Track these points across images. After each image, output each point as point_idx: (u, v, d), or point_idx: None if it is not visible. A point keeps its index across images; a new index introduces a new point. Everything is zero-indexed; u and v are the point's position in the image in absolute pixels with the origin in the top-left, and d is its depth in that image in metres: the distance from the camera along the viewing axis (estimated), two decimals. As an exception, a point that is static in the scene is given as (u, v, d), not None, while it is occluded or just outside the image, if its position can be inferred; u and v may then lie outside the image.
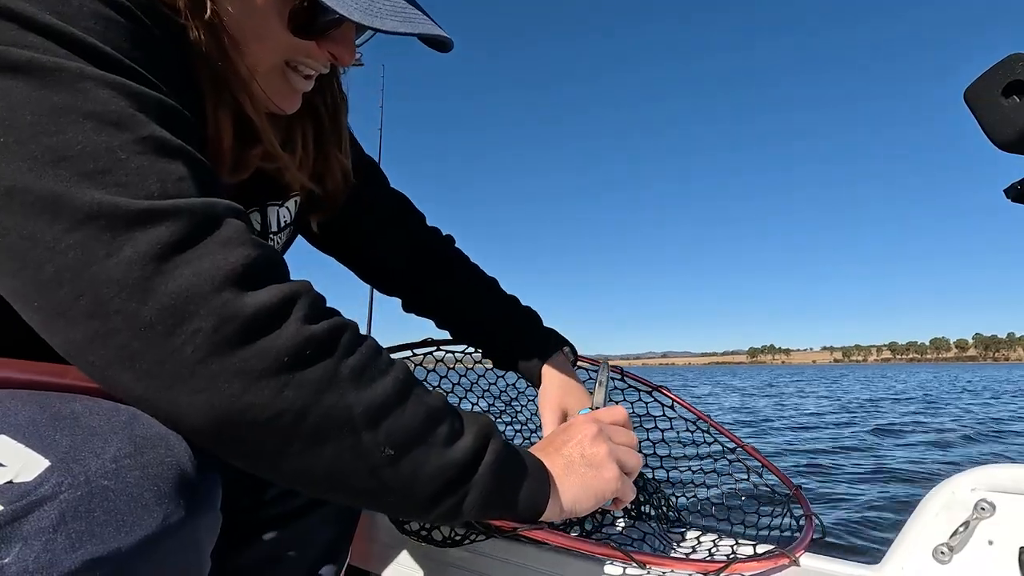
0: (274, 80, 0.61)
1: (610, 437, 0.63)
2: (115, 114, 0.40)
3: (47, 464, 0.37)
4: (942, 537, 0.68)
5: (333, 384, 0.42)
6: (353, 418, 0.43)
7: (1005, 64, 0.50)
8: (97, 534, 0.36)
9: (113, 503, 0.37)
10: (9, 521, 0.34)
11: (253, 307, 0.40)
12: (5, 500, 0.35)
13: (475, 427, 0.51)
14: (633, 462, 0.63)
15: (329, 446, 0.42)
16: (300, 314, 0.42)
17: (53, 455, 0.37)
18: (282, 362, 0.40)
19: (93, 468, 0.37)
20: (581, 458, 0.59)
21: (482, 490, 0.49)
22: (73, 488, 0.36)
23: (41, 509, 0.35)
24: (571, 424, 0.64)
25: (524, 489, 0.53)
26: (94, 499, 0.36)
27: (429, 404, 0.48)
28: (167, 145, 0.42)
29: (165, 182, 0.41)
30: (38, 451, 0.37)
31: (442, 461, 0.47)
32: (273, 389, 0.40)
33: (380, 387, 0.45)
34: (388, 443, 0.44)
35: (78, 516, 0.35)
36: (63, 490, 0.36)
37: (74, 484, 0.36)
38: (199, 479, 0.42)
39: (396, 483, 0.45)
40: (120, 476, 0.38)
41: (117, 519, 0.37)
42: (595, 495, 0.59)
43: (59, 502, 0.35)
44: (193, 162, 0.44)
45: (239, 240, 0.42)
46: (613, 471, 0.60)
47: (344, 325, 0.45)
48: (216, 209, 0.42)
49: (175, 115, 0.45)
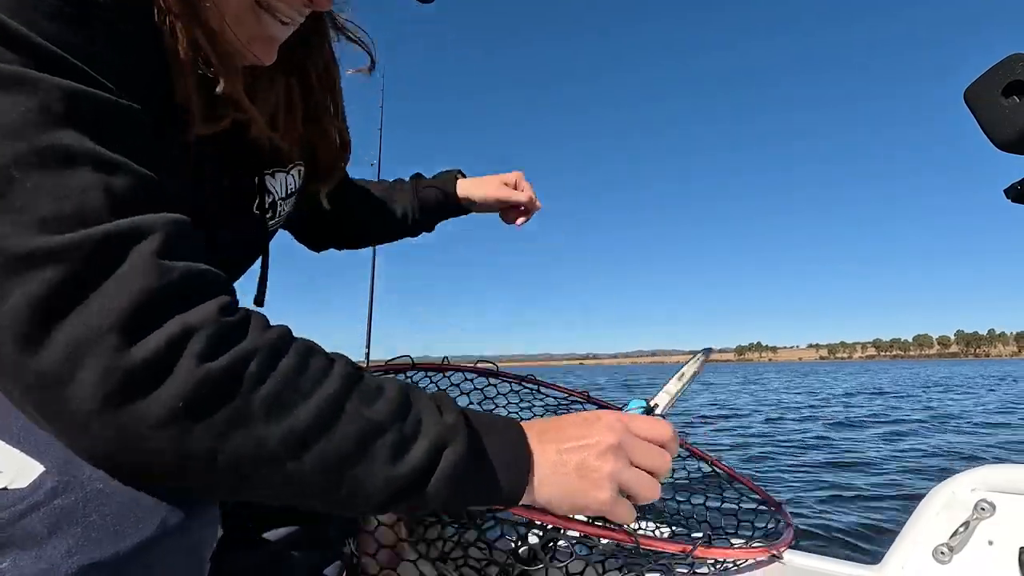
0: (247, 23, 0.57)
1: (630, 455, 0.54)
2: (8, 122, 0.37)
3: (42, 469, 0.36)
4: (942, 537, 0.68)
5: (241, 421, 0.39)
6: (270, 451, 0.40)
7: (1005, 64, 0.50)
8: (93, 539, 0.35)
9: (109, 507, 0.36)
10: (3, 527, 0.34)
11: (140, 356, 0.36)
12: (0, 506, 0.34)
13: (431, 435, 0.47)
14: (644, 492, 0.54)
15: (253, 479, 0.41)
16: (195, 351, 0.38)
17: (48, 460, 0.37)
18: (177, 409, 0.37)
19: (88, 472, 0.37)
20: (577, 465, 0.52)
21: (437, 496, 0.47)
22: (68, 493, 0.36)
23: (36, 514, 0.34)
24: (596, 419, 0.55)
25: (491, 488, 0.50)
26: (89, 503, 0.36)
27: (367, 419, 0.44)
28: (73, 154, 0.38)
29: (63, 202, 0.37)
30: (32, 456, 0.37)
31: (386, 476, 0.44)
32: (172, 438, 0.37)
33: (302, 413, 0.41)
34: (318, 468, 0.42)
35: (74, 521, 0.35)
36: (58, 495, 0.35)
37: (69, 489, 0.36)
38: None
39: (337, 502, 0.44)
40: (115, 479, 0.37)
41: (114, 523, 0.36)
42: (573, 506, 0.53)
43: (54, 507, 0.35)
44: (109, 167, 0.40)
45: (140, 271, 0.38)
46: (605, 494, 0.52)
47: (251, 352, 0.40)
48: (114, 238, 0.38)
49: (106, 107, 0.41)
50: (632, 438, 0.55)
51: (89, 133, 0.40)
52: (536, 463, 0.52)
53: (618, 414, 0.57)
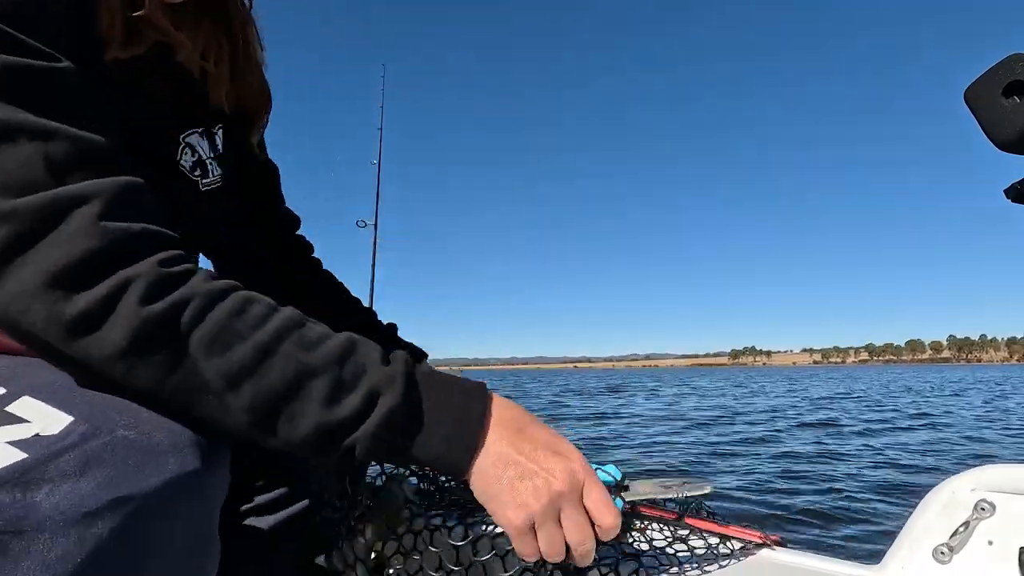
0: None
1: (562, 510, 0.50)
2: None
3: (71, 419, 0.40)
4: (942, 537, 0.68)
5: (180, 358, 0.43)
6: (209, 385, 0.44)
7: (1005, 64, 0.50)
8: (119, 478, 0.39)
9: (132, 451, 0.40)
10: (37, 465, 0.37)
11: (80, 305, 0.41)
12: (33, 450, 0.38)
13: (370, 381, 0.48)
14: (550, 549, 0.50)
15: (195, 411, 0.45)
16: (135, 296, 0.42)
17: (76, 412, 0.41)
18: (121, 349, 0.42)
19: (114, 421, 0.41)
20: (513, 479, 0.49)
21: (368, 446, 0.47)
22: (96, 437, 0.40)
23: (68, 455, 0.38)
24: (565, 458, 0.51)
25: (431, 444, 0.49)
26: (116, 447, 0.40)
27: (303, 362, 0.46)
28: (7, 128, 0.41)
29: (4, 175, 0.41)
30: (61, 409, 0.41)
31: (318, 418, 0.46)
32: (120, 372, 0.42)
33: (238, 352, 0.44)
34: (253, 405, 0.45)
35: (102, 462, 0.39)
36: (87, 440, 0.39)
37: (97, 434, 0.40)
38: (208, 439, 0.45)
39: (274, 438, 0.47)
40: (140, 428, 0.42)
41: (138, 465, 0.40)
42: (486, 503, 0.50)
43: (84, 450, 0.39)
44: (45, 135, 0.42)
45: (82, 233, 0.41)
46: (519, 521, 0.49)
47: (190, 296, 0.44)
48: (56, 203, 0.41)
49: (36, 74, 0.44)
50: (576, 500, 0.50)
51: (20, 103, 0.42)
52: (486, 445, 0.50)
53: (587, 469, 0.52)
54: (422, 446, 0.49)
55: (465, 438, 0.50)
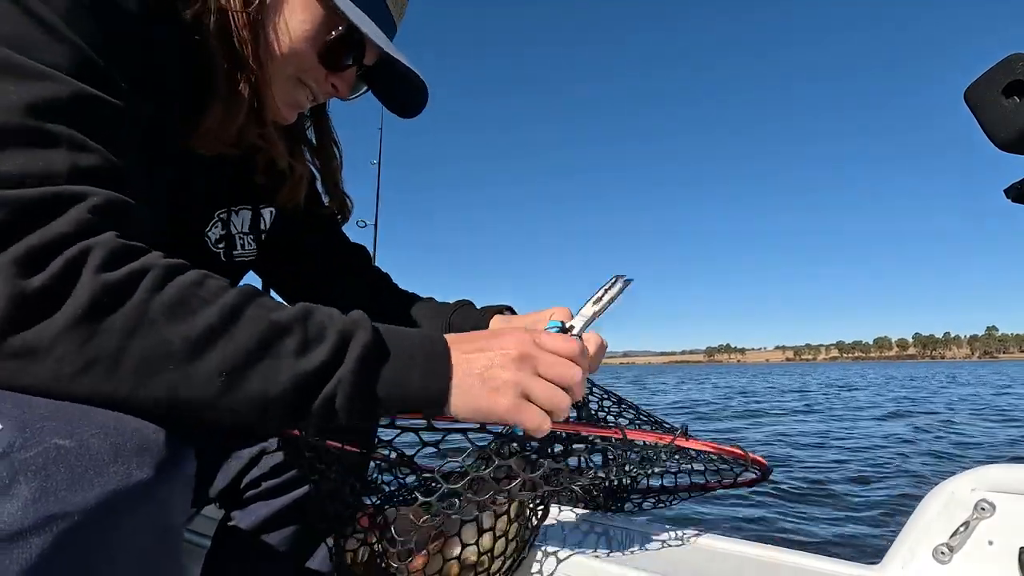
0: (285, 89, 0.70)
1: (535, 366, 0.55)
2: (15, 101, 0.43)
3: (0, 427, 0.37)
4: (942, 537, 0.68)
5: (143, 323, 0.42)
6: (174, 351, 0.42)
7: (1005, 64, 0.50)
8: (53, 492, 0.35)
9: (70, 462, 0.37)
10: None
11: (42, 279, 0.40)
12: None
13: (336, 327, 0.49)
14: (551, 400, 0.55)
15: (158, 380, 0.42)
16: (93, 265, 0.42)
17: (5, 419, 0.37)
18: (79, 316, 0.40)
19: (48, 429, 0.38)
20: (481, 372, 0.53)
21: (349, 390, 0.48)
22: (26, 448, 0.36)
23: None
24: (502, 332, 0.57)
25: (410, 379, 0.51)
26: (49, 458, 0.36)
27: (271, 320, 0.47)
28: (56, 137, 0.44)
29: (30, 169, 0.43)
30: None
31: (293, 372, 0.46)
32: (77, 341, 0.40)
33: (202, 316, 0.44)
34: (222, 367, 0.44)
35: (33, 475, 0.35)
36: (15, 449, 0.36)
37: (27, 444, 0.36)
38: (164, 440, 0.42)
39: (246, 402, 0.45)
40: (76, 436, 0.38)
41: (75, 477, 0.36)
42: (476, 412, 0.54)
43: (11, 461, 0.35)
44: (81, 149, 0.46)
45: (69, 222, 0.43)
46: (507, 400, 0.53)
47: (148, 266, 0.44)
48: (59, 196, 0.43)
49: (104, 110, 0.48)
50: (539, 350, 0.56)
51: (77, 124, 0.46)
52: (454, 370, 0.53)
53: (527, 330, 0.58)
54: (401, 380, 0.50)
55: (440, 365, 0.52)
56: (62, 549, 0.35)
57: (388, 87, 0.80)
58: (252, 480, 0.84)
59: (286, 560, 0.85)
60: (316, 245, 0.96)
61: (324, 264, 0.97)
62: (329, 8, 0.66)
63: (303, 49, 0.67)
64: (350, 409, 0.48)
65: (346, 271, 0.99)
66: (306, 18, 0.66)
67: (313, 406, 0.47)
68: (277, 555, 0.84)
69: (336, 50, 0.69)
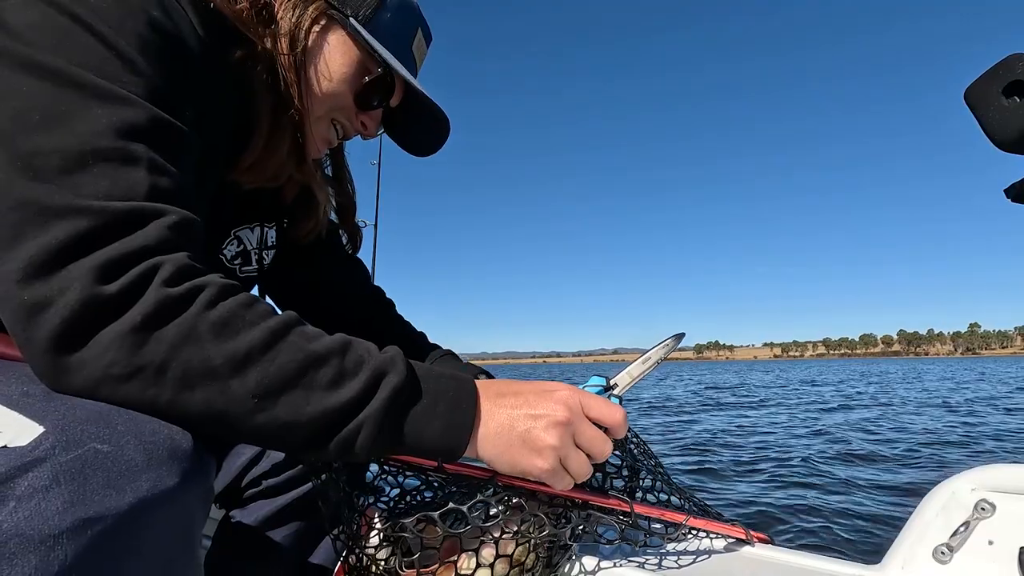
0: (320, 126, 0.76)
1: (576, 436, 0.57)
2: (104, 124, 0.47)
3: (42, 430, 0.38)
4: (942, 537, 0.68)
5: (191, 338, 0.44)
6: (215, 368, 0.45)
7: (1006, 64, 0.50)
8: (89, 495, 0.36)
9: (106, 467, 0.38)
10: (2, 481, 0.34)
11: (112, 289, 0.43)
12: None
13: (371, 365, 0.50)
14: (579, 471, 0.57)
15: (197, 393, 0.45)
16: (161, 279, 0.45)
17: (48, 422, 0.39)
18: (137, 324, 0.43)
19: (88, 433, 0.39)
20: (523, 432, 0.55)
21: (371, 430, 0.49)
22: (67, 451, 0.37)
23: (35, 470, 0.36)
24: (553, 391, 0.58)
25: (431, 428, 0.52)
26: (87, 462, 0.37)
27: (310, 350, 0.49)
28: (137, 157, 0.48)
29: (115, 187, 0.46)
30: (32, 419, 0.39)
31: (323, 404, 0.48)
32: (131, 347, 0.43)
33: (246, 338, 0.46)
34: (257, 389, 0.46)
35: (71, 478, 0.36)
36: (57, 453, 0.37)
37: (68, 447, 0.37)
38: (192, 450, 0.44)
39: (273, 425, 0.47)
40: (114, 441, 0.40)
41: (110, 482, 0.37)
42: (512, 468, 0.56)
43: (52, 464, 0.36)
44: (159, 171, 0.49)
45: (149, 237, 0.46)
46: (546, 464, 0.55)
47: (205, 284, 0.47)
48: (138, 211, 0.46)
49: (175, 133, 0.53)
50: (582, 419, 0.57)
51: (154, 147, 0.50)
52: (483, 420, 0.55)
53: (575, 390, 0.58)
54: (423, 427, 0.52)
55: (464, 417, 0.54)
56: (95, 552, 0.36)
57: (403, 128, 0.86)
58: (253, 478, 0.84)
59: (288, 558, 0.85)
60: (315, 262, 0.99)
61: (320, 279, 1.00)
62: (365, 52, 0.72)
63: (341, 90, 0.73)
64: (368, 448, 0.50)
65: (342, 288, 1.02)
66: (345, 61, 0.72)
67: (333, 440, 0.49)
68: (279, 553, 0.84)
69: (370, 91, 0.74)
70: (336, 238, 1.02)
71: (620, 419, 0.59)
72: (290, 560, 0.86)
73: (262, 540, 0.84)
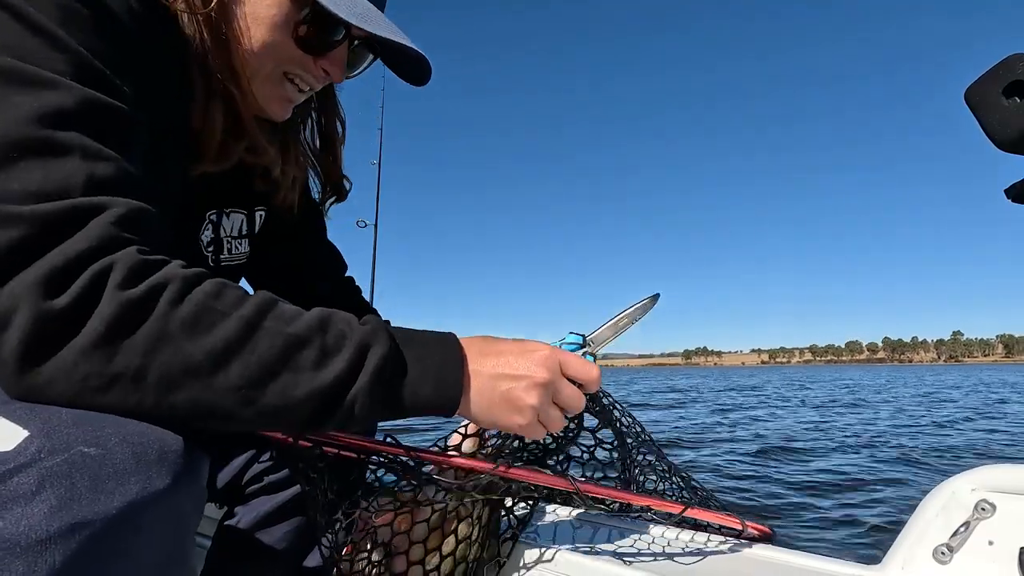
0: (269, 86, 0.67)
1: (555, 395, 0.59)
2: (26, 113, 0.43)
3: (26, 434, 0.37)
4: (942, 537, 0.68)
5: (163, 340, 0.42)
6: (196, 366, 0.43)
7: (1006, 64, 0.50)
8: (77, 500, 0.36)
9: (93, 470, 0.37)
10: None
11: (62, 303, 0.40)
12: None
13: (354, 339, 0.49)
14: (554, 426, 0.60)
15: (181, 393, 0.43)
16: (115, 282, 0.42)
17: (33, 427, 0.38)
18: (101, 335, 0.40)
19: (74, 437, 0.38)
20: (505, 391, 0.56)
21: (365, 400, 0.49)
22: (53, 455, 0.36)
23: (20, 475, 0.35)
24: (533, 351, 0.58)
25: (420, 387, 0.52)
26: (74, 465, 0.36)
27: (288, 333, 0.47)
28: (69, 146, 0.44)
29: (47, 182, 0.42)
30: (17, 423, 0.38)
31: (312, 384, 0.47)
32: (102, 359, 0.41)
33: (221, 330, 0.44)
34: (242, 381, 0.44)
35: (58, 482, 0.35)
36: (42, 457, 0.36)
37: (54, 451, 0.37)
38: (182, 450, 0.42)
39: (267, 413, 0.46)
40: (101, 444, 0.38)
41: (98, 485, 0.37)
42: (492, 423, 0.57)
43: (38, 468, 0.35)
44: (96, 158, 0.45)
45: (91, 236, 0.42)
46: (524, 420, 0.57)
47: (167, 280, 0.44)
48: (78, 209, 0.43)
49: (113, 113, 0.48)
50: (560, 379, 0.59)
51: (88, 131, 0.45)
52: (472, 371, 0.55)
53: (554, 350, 0.60)
54: (415, 390, 0.52)
55: (453, 374, 0.54)
56: (84, 557, 0.35)
57: (391, 52, 0.73)
58: (255, 475, 0.84)
59: (290, 554, 0.85)
60: (295, 244, 0.95)
61: (298, 263, 0.97)
62: None
63: (277, 38, 0.63)
64: (365, 417, 0.50)
65: (318, 274, 0.99)
66: (271, 3, 0.61)
67: (332, 416, 0.49)
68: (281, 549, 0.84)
69: (312, 32, 0.64)
70: (315, 217, 0.97)
71: (595, 376, 0.61)
72: (292, 557, 0.85)
73: (264, 536, 0.84)
